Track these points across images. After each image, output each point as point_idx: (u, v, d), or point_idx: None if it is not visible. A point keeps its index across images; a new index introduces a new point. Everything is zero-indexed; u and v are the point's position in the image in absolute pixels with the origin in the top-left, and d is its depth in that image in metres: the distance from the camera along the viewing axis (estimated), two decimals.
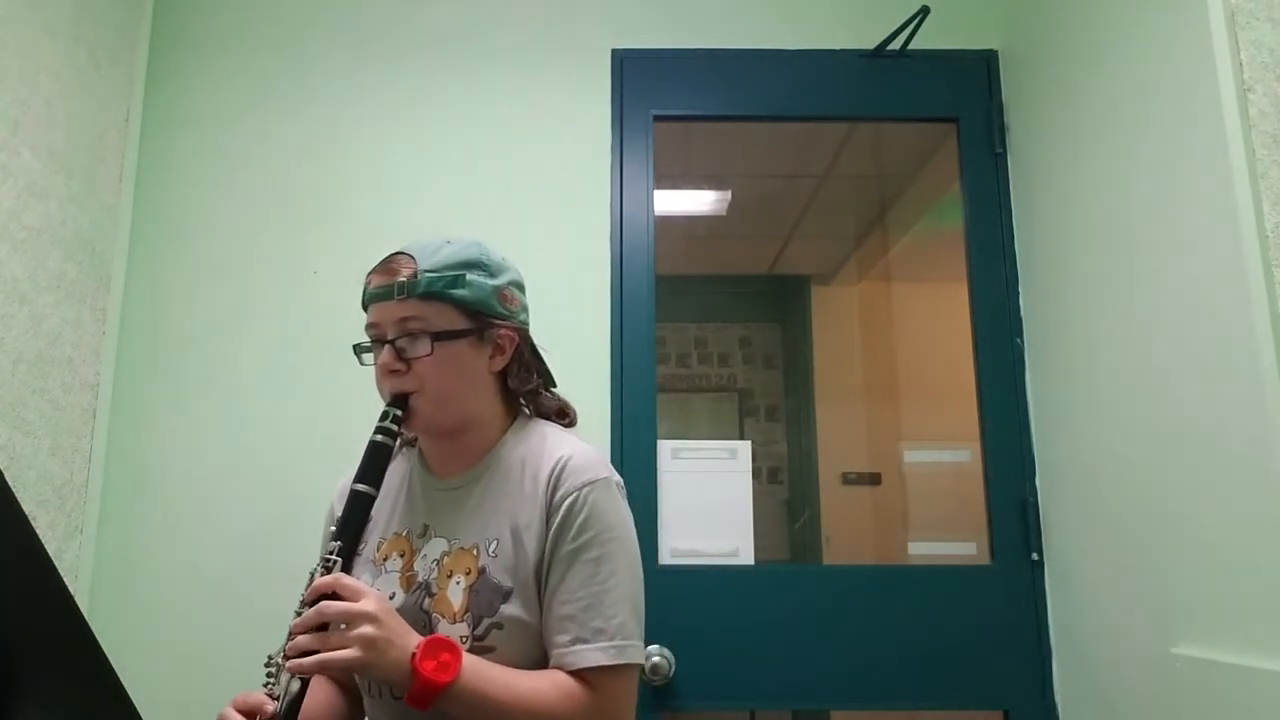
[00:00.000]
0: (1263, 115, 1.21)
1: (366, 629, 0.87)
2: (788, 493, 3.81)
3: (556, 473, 1.02)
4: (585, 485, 1.01)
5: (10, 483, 0.72)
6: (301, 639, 0.89)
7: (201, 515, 1.79)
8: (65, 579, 0.84)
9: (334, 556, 0.96)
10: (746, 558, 1.80)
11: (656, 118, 1.97)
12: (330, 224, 1.92)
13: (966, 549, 1.97)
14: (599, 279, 1.88)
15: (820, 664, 1.72)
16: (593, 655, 0.95)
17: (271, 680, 0.92)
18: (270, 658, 0.93)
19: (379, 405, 1.83)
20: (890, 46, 1.97)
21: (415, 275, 1.03)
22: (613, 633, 0.96)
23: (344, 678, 1.13)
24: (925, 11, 1.88)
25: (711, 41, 2.01)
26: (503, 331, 1.07)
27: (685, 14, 2.03)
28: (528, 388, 1.12)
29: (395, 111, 1.98)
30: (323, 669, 0.89)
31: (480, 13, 2.02)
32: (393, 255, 1.08)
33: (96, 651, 0.76)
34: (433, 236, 1.09)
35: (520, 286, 1.13)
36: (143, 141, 1.95)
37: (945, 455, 2.46)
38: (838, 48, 2.00)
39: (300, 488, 1.80)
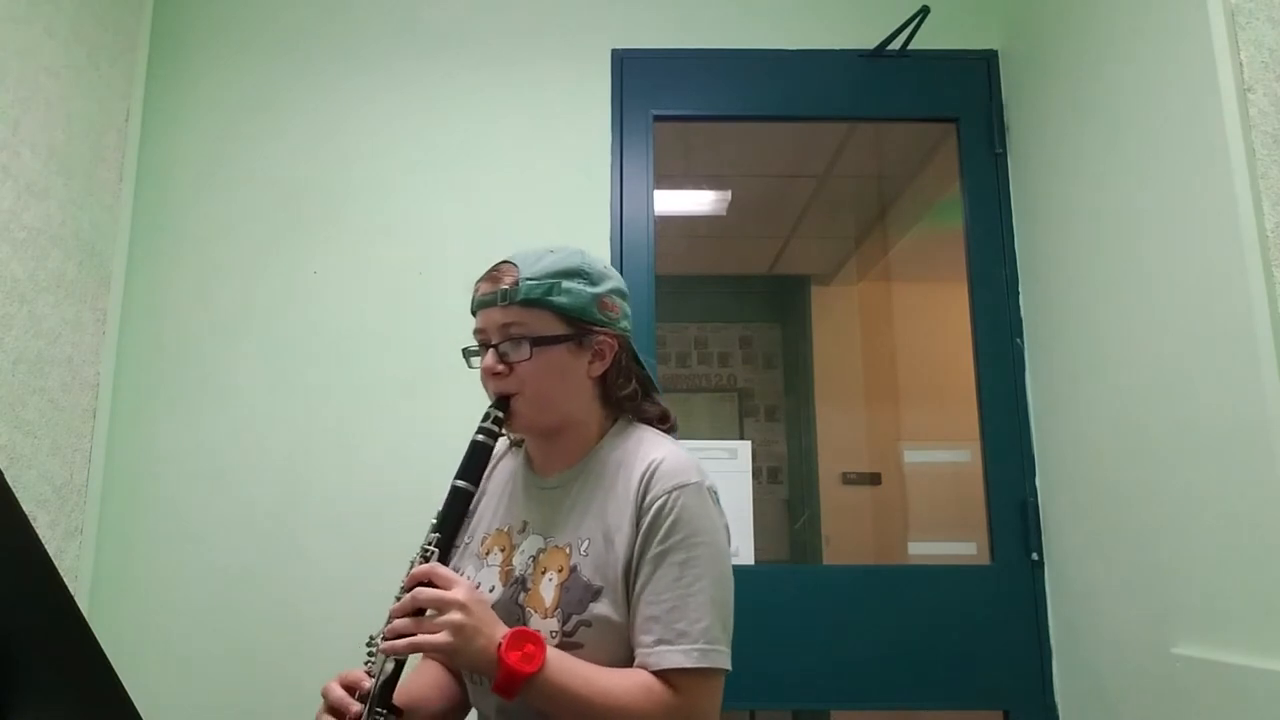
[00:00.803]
0: (1263, 115, 1.21)
1: (456, 616, 0.91)
2: (788, 493, 3.81)
3: (648, 476, 1.04)
4: (675, 488, 1.02)
5: (10, 483, 0.72)
6: (398, 622, 0.93)
7: (201, 515, 1.79)
8: (65, 579, 0.84)
9: (432, 548, 1.01)
10: (746, 558, 1.80)
11: (656, 118, 1.97)
12: (330, 224, 1.92)
13: (966, 549, 1.97)
14: None
15: (820, 664, 1.72)
16: (675, 657, 0.97)
17: (371, 659, 0.97)
18: (371, 638, 0.98)
19: (377, 404, 1.84)
20: (890, 46, 1.97)
21: (517, 283, 1.06)
22: (696, 636, 0.97)
23: (447, 661, 1.16)
24: (925, 11, 1.88)
25: (711, 41, 2.01)
26: (602, 338, 1.09)
27: (685, 14, 2.03)
28: (625, 393, 1.14)
29: (395, 111, 1.98)
30: (414, 651, 0.93)
31: (480, 13, 2.02)
32: (498, 264, 1.10)
33: (96, 651, 0.76)
34: (537, 246, 1.12)
35: (622, 294, 1.14)
36: (143, 141, 1.95)
37: (945, 455, 2.46)
38: (838, 48, 2.00)
39: (300, 486, 1.81)
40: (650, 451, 1.07)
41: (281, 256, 1.91)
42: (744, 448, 1.88)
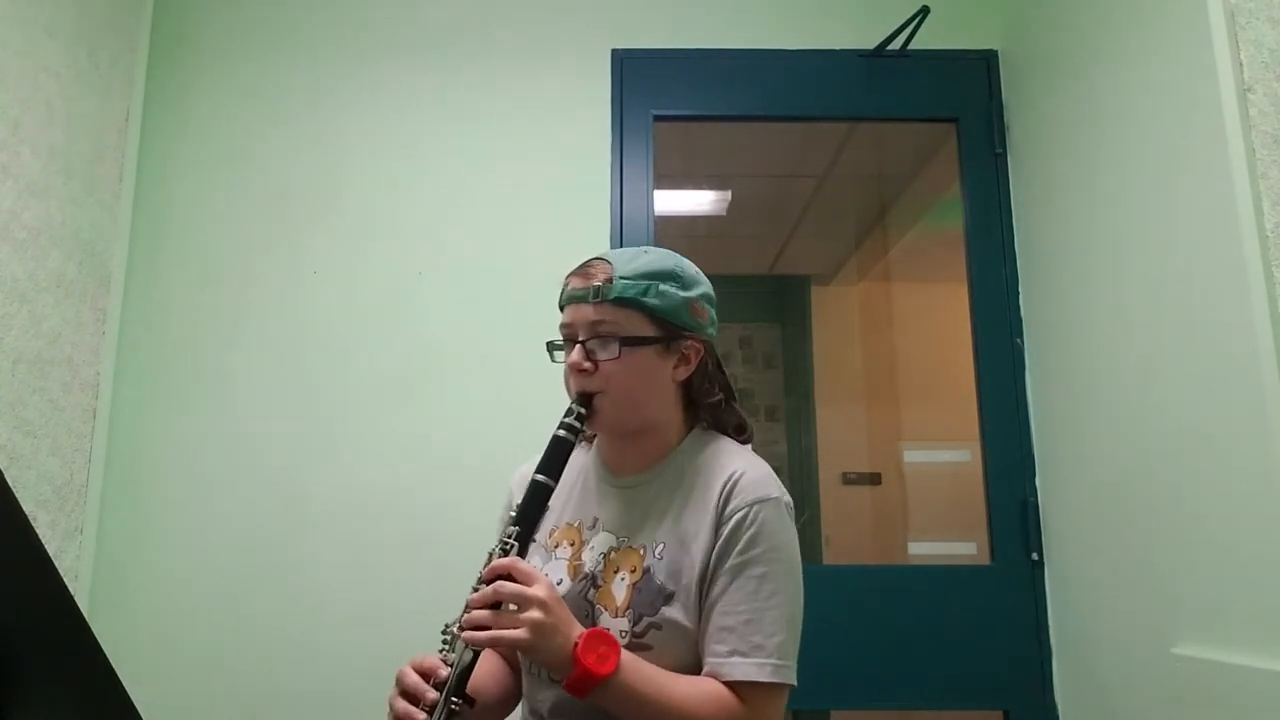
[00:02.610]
0: (1263, 115, 1.21)
1: (536, 613, 0.91)
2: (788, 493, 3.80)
3: (729, 487, 1.04)
4: (756, 502, 1.02)
5: (10, 483, 0.71)
6: (478, 614, 0.93)
7: (201, 515, 1.79)
8: (65, 579, 0.84)
9: (511, 541, 0.99)
10: None
11: (656, 118, 1.97)
12: (330, 224, 1.92)
13: (966, 549, 1.97)
14: None
15: (820, 664, 1.72)
16: (749, 669, 0.97)
17: (446, 647, 0.96)
18: (447, 626, 0.97)
19: (378, 405, 1.84)
20: (890, 46, 1.97)
21: (610, 281, 1.05)
22: (771, 650, 0.98)
23: (508, 653, 1.17)
24: (925, 11, 1.88)
25: (711, 41, 2.01)
26: (689, 342, 1.09)
27: (685, 14, 2.03)
28: (710, 400, 1.14)
29: (395, 111, 1.98)
30: (494, 645, 0.94)
31: (480, 13, 2.02)
32: (591, 260, 1.10)
33: (96, 651, 0.76)
34: (632, 247, 1.13)
35: (711, 301, 1.14)
36: (143, 141, 1.95)
37: (945, 455, 2.46)
38: (838, 48, 2.00)
39: (299, 486, 1.81)
40: (731, 462, 1.07)
41: (281, 256, 1.91)
42: None
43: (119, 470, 1.81)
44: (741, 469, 1.05)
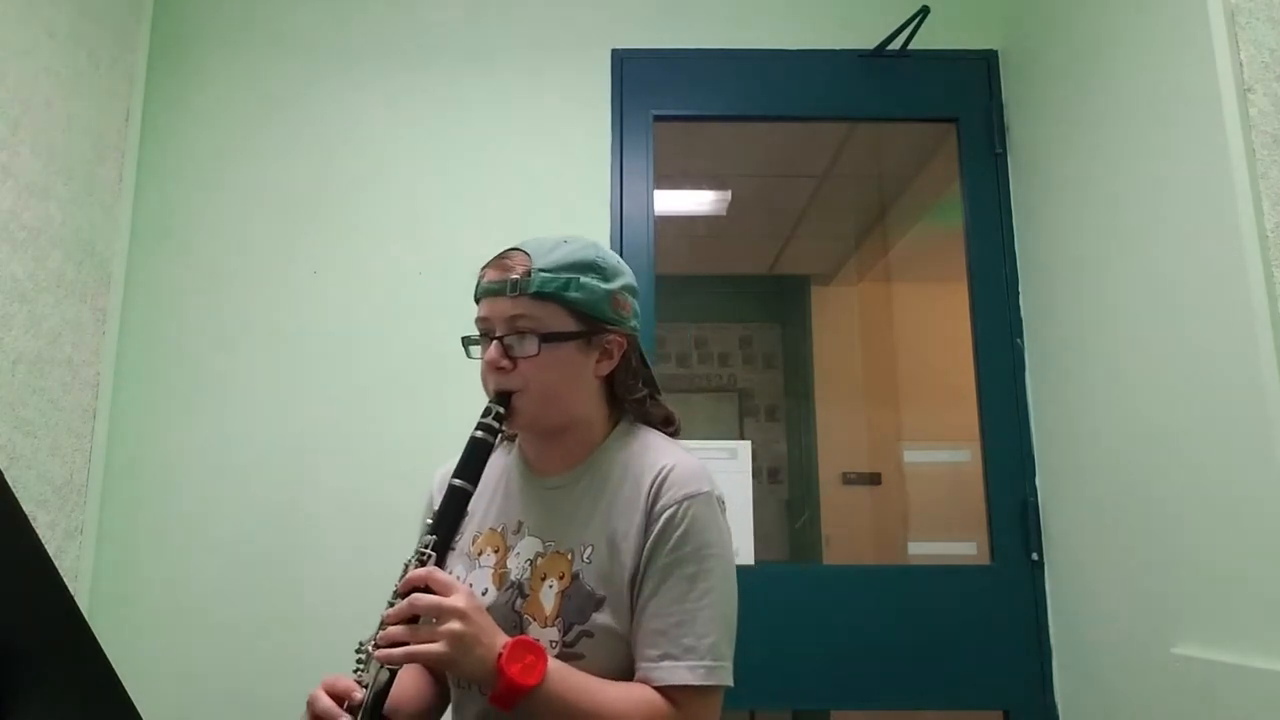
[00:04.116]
0: (1263, 115, 1.21)
1: (454, 625, 0.87)
2: (788, 493, 3.81)
3: (658, 483, 1.00)
4: (686, 498, 0.99)
5: (10, 483, 0.72)
6: (392, 629, 0.88)
7: (201, 515, 1.79)
8: (65, 579, 0.84)
9: (428, 550, 0.95)
10: (746, 558, 1.80)
11: (656, 118, 1.97)
12: (330, 224, 1.92)
13: (966, 549, 1.97)
14: None
15: (820, 664, 1.72)
16: (681, 673, 0.94)
17: (361, 667, 0.91)
18: (361, 644, 0.92)
19: (377, 404, 1.84)
20: (890, 46, 1.97)
21: (529, 274, 1.00)
22: (703, 652, 0.95)
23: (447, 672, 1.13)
24: (925, 11, 1.88)
25: (711, 41, 2.01)
26: (612, 337, 1.06)
27: (685, 14, 2.03)
28: (634, 395, 1.10)
29: (395, 111, 1.98)
30: (410, 661, 0.89)
31: (480, 14, 2.02)
32: (508, 251, 1.04)
33: (96, 652, 0.76)
34: (551, 235, 1.07)
35: (634, 291, 1.10)
36: (143, 141, 1.95)
37: (945, 455, 2.46)
38: (838, 48, 2.00)
39: (300, 486, 1.81)
40: (659, 458, 1.03)
41: (281, 256, 1.91)
42: (744, 448, 1.88)
43: (119, 470, 1.81)
44: (670, 463, 1.01)
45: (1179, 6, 1.34)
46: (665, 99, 1.98)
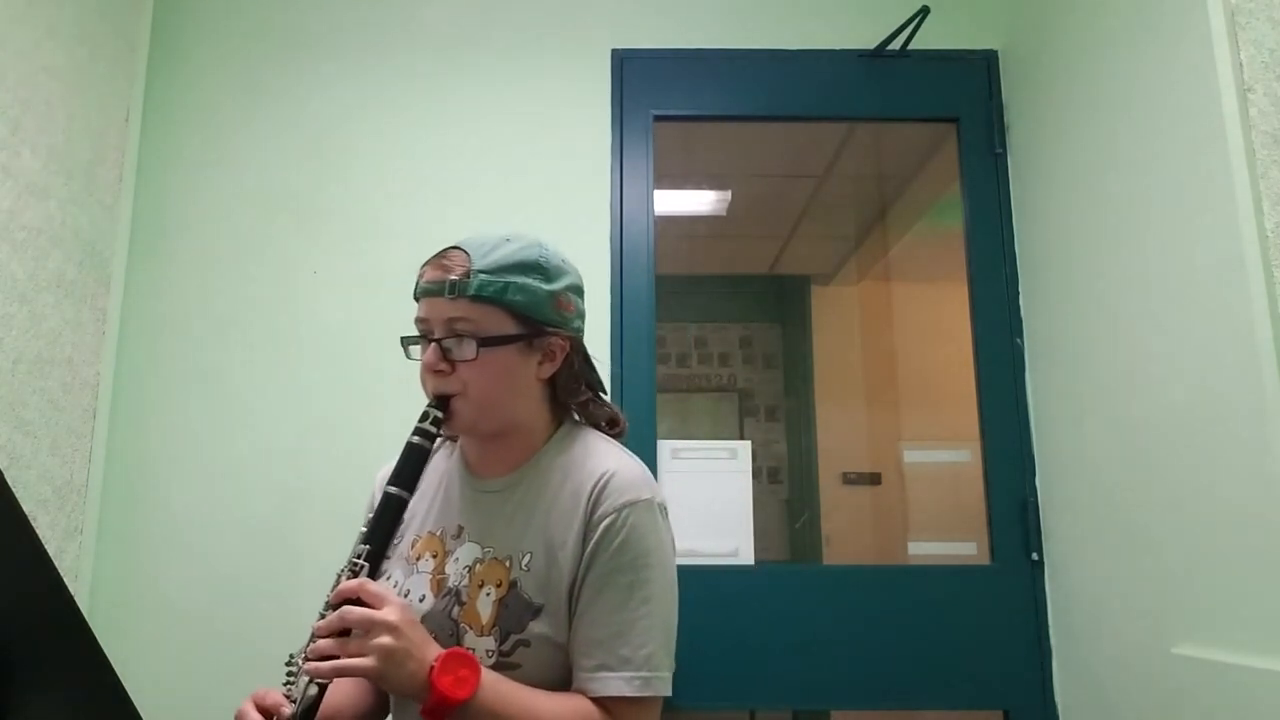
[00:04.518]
0: (1263, 115, 1.21)
1: (385, 639, 0.85)
2: (788, 493, 3.81)
3: (598, 490, 0.98)
4: (626, 505, 0.97)
5: (10, 483, 0.72)
6: (322, 643, 0.87)
7: (201, 515, 1.79)
8: (65, 579, 0.84)
9: (361, 561, 0.93)
10: (746, 558, 1.80)
11: (656, 118, 1.97)
12: (330, 224, 1.92)
13: (966, 549, 1.97)
14: (599, 279, 1.88)
15: (820, 664, 1.72)
16: (616, 684, 0.93)
17: (291, 681, 0.90)
18: (291, 657, 0.90)
19: (377, 405, 1.84)
20: (890, 46, 1.97)
21: (468, 274, 0.98)
22: (639, 663, 0.94)
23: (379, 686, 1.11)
24: (925, 11, 1.88)
25: (711, 41, 2.01)
26: (554, 339, 1.03)
27: (685, 14, 2.03)
28: (577, 398, 1.08)
29: (395, 111, 1.98)
30: (338, 675, 0.87)
31: (480, 13, 2.02)
32: (448, 249, 1.02)
33: (96, 651, 0.76)
34: (493, 232, 1.04)
35: (578, 291, 1.07)
36: (143, 141, 1.95)
37: (945, 455, 2.46)
38: (838, 48, 2.00)
39: (300, 487, 1.81)
40: (601, 462, 1.01)
41: (281, 256, 1.91)
42: (744, 448, 1.88)
43: (119, 470, 1.81)
44: (611, 469, 0.99)
45: (1179, 6, 1.34)
46: (665, 99, 1.98)
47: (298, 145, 1.96)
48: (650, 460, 1.79)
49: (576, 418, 1.11)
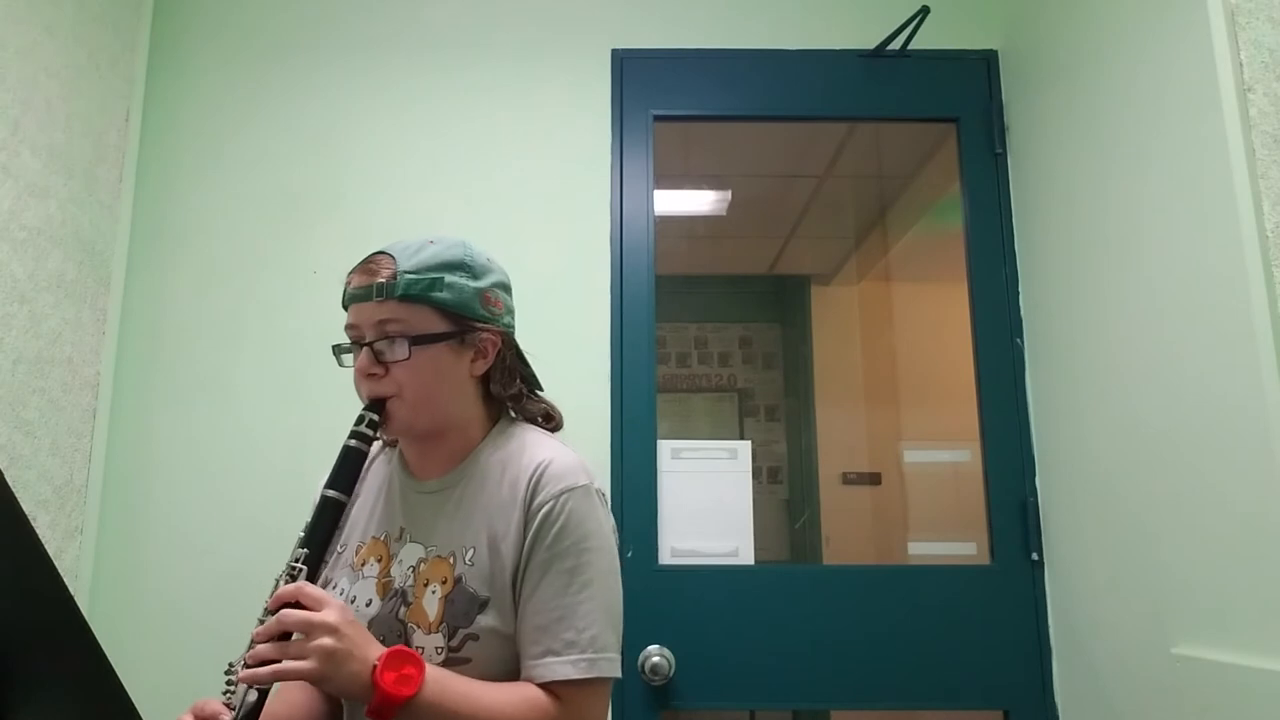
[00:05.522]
0: (1263, 115, 1.21)
1: (325, 640, 0.85)
2: (788, 493, 3.81)
3: (535, 479, 1.00)
4: (563, 492, 0.98)
5: (10, 483, 0.72)
6: (261, 648, 0.87)
7: (201, 515, 1.79)
8: (65, 579, 0.84)
9: (299, 565, 0.94)
10: (746, 558, 1.80)
11: (656, 118, 1.97)
12: (330, 224, 1.92)
13: (966, 549, 1.97)
14: (599, 279, 1.88)
15: (820, 664, 1.72)
16: (562, 668, 0.93)
17: (230, 689, 0.90)
18: (231, 665, 0.90)
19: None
20: (890, 46, 1.97)
21: (394, 276, 1.00)
22: (584, 645, 0.94)
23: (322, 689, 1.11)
24: (925, 11, 1.88)
25: (711, 41, 2.01)
26: (484, 335, 1.05)
27: (685, 14, 2.03)
28: (510, 392, 1.09)
29: (395, 112, 1.98)
30: (278, 680, 0.87)
31: (480, 13, 2.02)
32: (372, 255, 1.04)
33: (96, 651, 0.76)
34: (417, 236, 1.06)
35: (505, 288, 1.10)
36: (143, 141, 1.95)
37: (945, 455, 2.46)
38: (838, 48, 2.00)
39: (300, 487, 1.80)
40: (537, 453, 1.02)
41: (281, 256, 1.91)
42: (744, 448, 1.88)
43: (119, 470, 1.81)
44: (548, 459, 1.01)
45: (1179, 6, 1.34)
46: (665, 99, 1.98)
47: (298, 145, 1.96)
48: (650, 460, 1.80)
49: (513, 414, 1.12)
